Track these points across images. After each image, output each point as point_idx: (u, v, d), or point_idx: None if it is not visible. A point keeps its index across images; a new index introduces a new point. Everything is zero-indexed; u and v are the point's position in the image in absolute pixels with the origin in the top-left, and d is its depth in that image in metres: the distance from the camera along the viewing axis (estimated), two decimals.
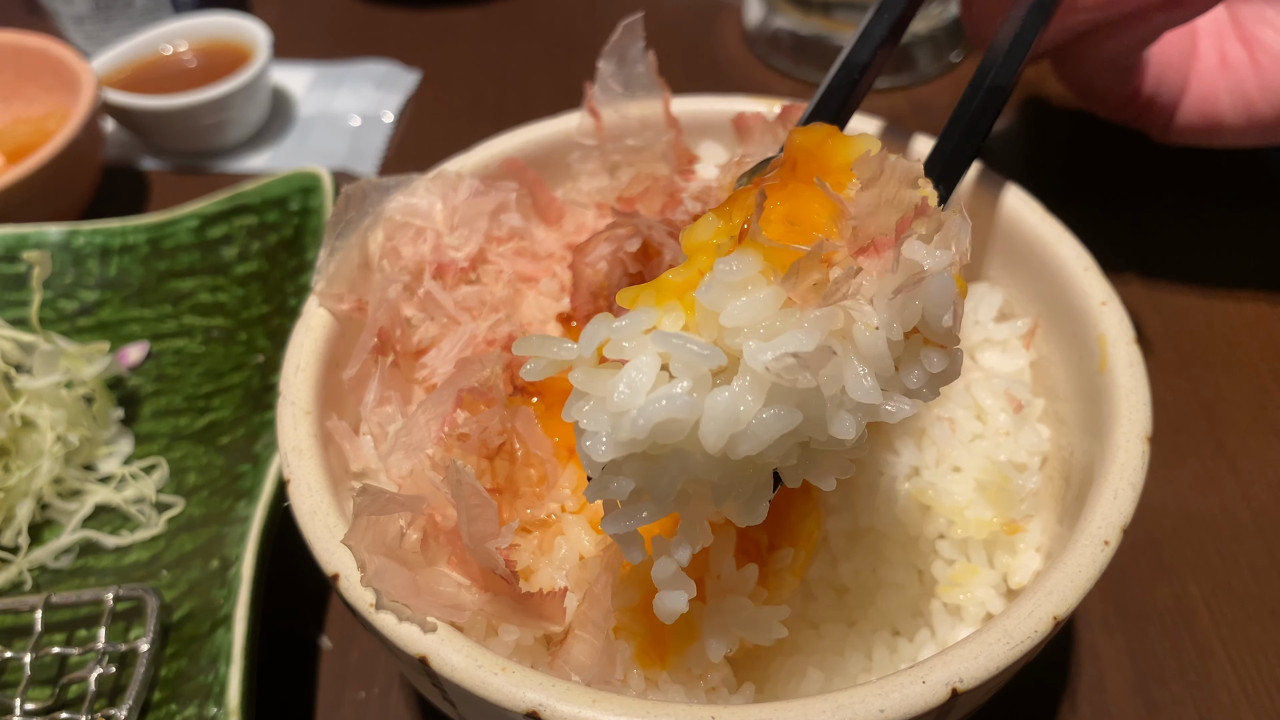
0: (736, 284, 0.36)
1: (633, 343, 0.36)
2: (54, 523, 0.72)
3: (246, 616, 0.59)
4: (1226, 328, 0.84)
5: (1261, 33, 0.73)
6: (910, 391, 0.38)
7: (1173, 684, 0.63)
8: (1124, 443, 0.49)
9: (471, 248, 0.61)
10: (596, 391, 0.36)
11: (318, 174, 0.86)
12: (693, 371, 0.36)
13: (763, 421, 0.35)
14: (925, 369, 0.38)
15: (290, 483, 0.50)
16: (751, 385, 0.36)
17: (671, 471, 0.37)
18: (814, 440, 0.38)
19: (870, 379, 0.36)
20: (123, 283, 0.87)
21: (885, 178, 0.39)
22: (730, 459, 0.36)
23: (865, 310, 0.36)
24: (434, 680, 0.44)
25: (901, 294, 0.36)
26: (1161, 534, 0.71)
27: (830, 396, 0.36)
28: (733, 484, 0.38)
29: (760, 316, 0.36)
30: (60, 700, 0.61)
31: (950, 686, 0.40)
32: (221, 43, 1.12)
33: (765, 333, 0.36)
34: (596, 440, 0.36)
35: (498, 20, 1.29)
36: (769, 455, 0.37)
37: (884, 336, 0.36)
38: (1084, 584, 0.44)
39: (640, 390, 0.35)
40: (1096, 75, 0.75)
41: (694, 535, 0.41)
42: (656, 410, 0.35)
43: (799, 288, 0.36)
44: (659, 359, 0.36)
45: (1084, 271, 0.57)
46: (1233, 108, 0.75)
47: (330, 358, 0.57)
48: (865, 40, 0.56)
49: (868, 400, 0.36)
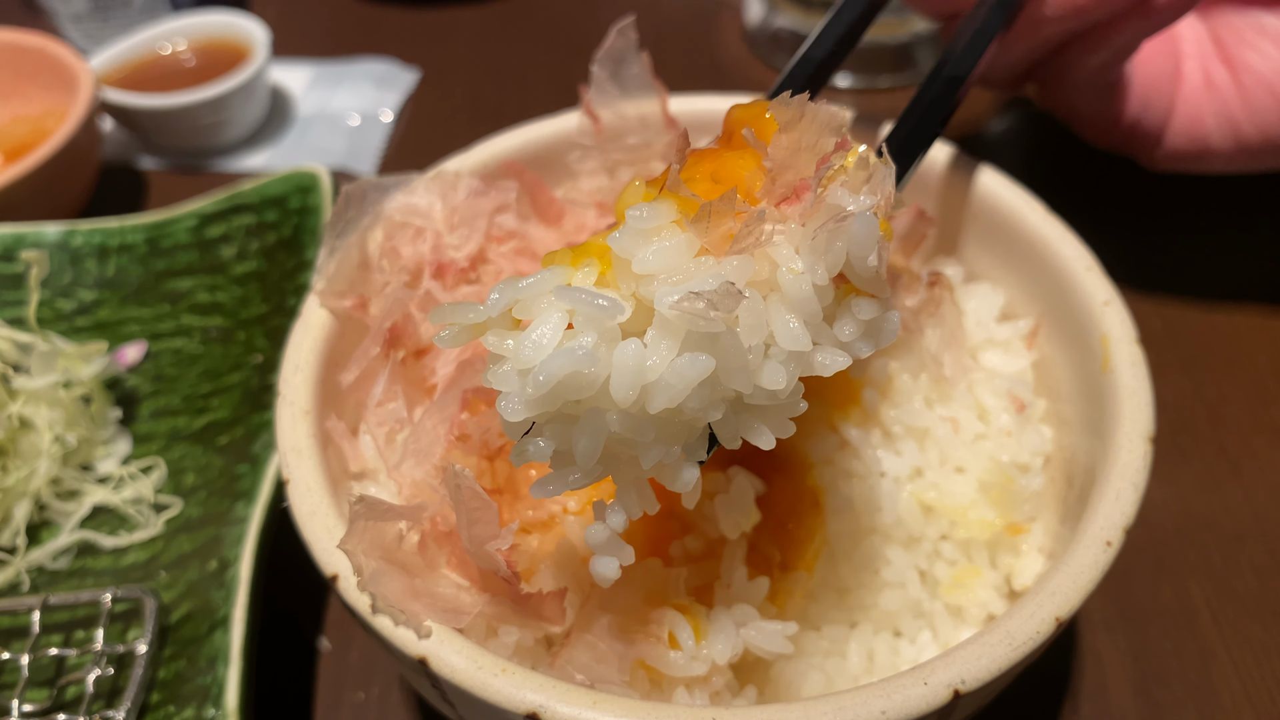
0: (648, 230, 0.36)
1: (540, 301, 0.36)
2: (52, 523, 0.72)
3: (245, 618, 0.59)
4: (1229, 329, 0.84)
5: (1244, 54, 0.73)
6: (843, 344, 0.38)
7: (1175, 685, 0.63)
8: (1126, 443, 0.49)
9: (471, 248, 0.61)
10: (506, 353, 0.36)
11: (316, 173, 0.86)
12: (596, 325, 0.35)
13: (675, 369, 0.35)
14: (856, 318, 0.38)
15: (289, 483, 0.49)
16: (663, 334, 0.35)
17: (590, 431, 0.36)
18: (743, 395, 0.37)
19: (798, 325, 0.36)
20: (121, 282, 0.86)
21: (805, 123, 0.38)
22: (649, 414, 0.36)
23: (788, 254, 0.36)
24: (434, 681, 0.44)
25: (824, 233, 0.36)
26: (1164, 535, 0.70)
27: (755, 345, 0.36)
28: (659, 443, 0.37)
29: (673, 263, 0.36)
30: (58, 702, 0.61)
31: (952, 688, 0.40)
32: (220, 41, 1.12)
33: (678, 280, 0.35)
34: (509, 400, 0.36)
35: (497, 19, 1.29)
36: (691, 408, 0.36)
37: (809, 280, 0.36)
38: (1086, 585, 0.44)
39: (545, 348, 0.35)
40: (1079, 97, 0.74)
41: (629, 501, 0.40)
42: (557, 365, 0.34)
43: (712, 234, 0.36)
44: (565, 315, 0.36)
45: (1086, 271, 0.57)
46: (1219, 131, 0.74)
47: (329, 358, 0.56)
48: (824, 37, 0.58)
49: (796, 347, 0.36)
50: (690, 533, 0.51)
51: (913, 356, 0.57)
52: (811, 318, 0.36)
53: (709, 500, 0.50)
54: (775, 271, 0.36)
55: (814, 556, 0.52)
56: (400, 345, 0.57)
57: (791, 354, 0.36)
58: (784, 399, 0.37)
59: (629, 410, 0.35)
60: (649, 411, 0.36)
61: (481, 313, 0.37)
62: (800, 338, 0.36)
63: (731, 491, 0.50)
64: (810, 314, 0.36)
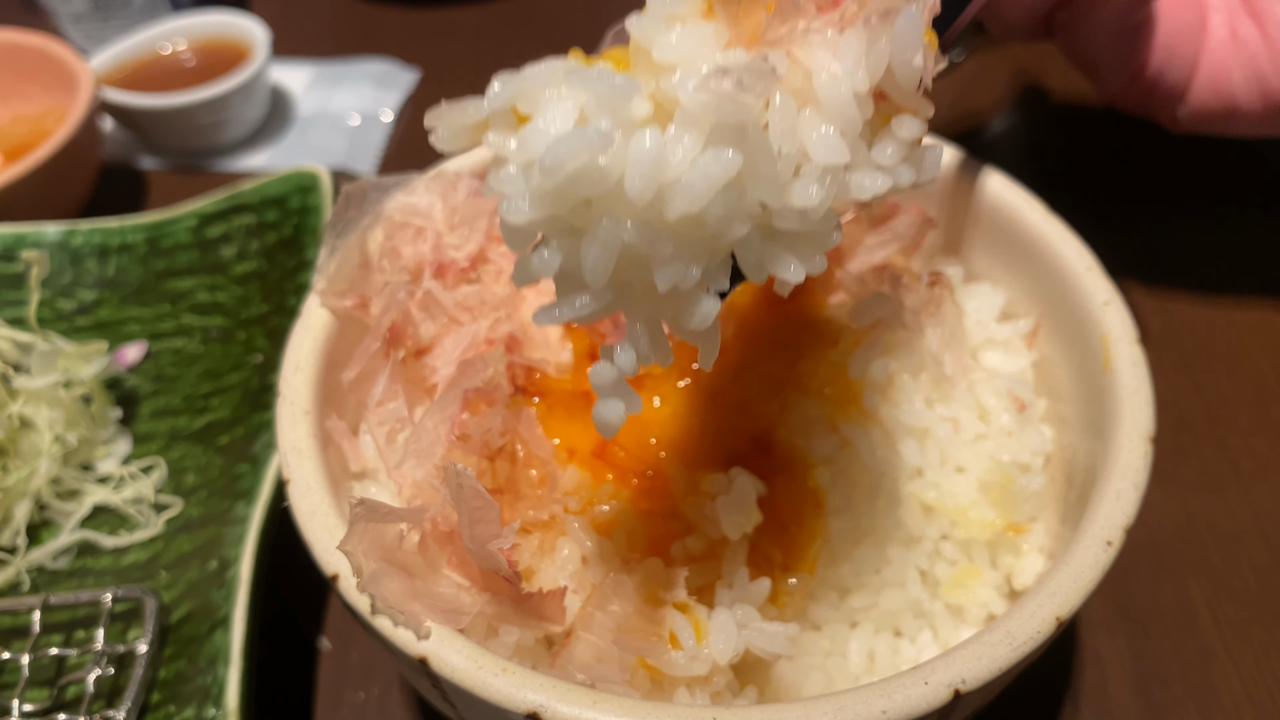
0: (673, 15, 0.32)
1: (549, 91, 0.32)
2: (52, 523, 0.72)
3: (245, 618, 0.59)
4: (1228, 329, 0.84)
5: (1273, 8, 0.70)
6: (883, 167, 0.34)
7: (1175, 685, 0.63)
8: (1127, 443, 0.49)
9: (472, 247, 0.61)
10: (509, 154, 0.32)
11: (316, 173, 0.86)
12: (611, 110, 0.31)
13: (698, 167, 0.30)
14: (898, 138, 0.34)
15: (289, 483, 0.49)
16: (686, 127, 0.31)
17: (602, 240, 0.31)
18: (772, 213, 0.33)
19: (834, 134, 0.32)
20: (121, 282, 0.86)
21: None
22: (667, 222, 0.31)
23: (824, 57, 0.32)
24: (434, 681, 0.44)
25: (867, 30, 0.32)
26: (1164, 535, 0.71)
27: (787, 154, 0.32)
28: (677, 260, 0.32)
29: (698, 53, 0.32)
30: (58, 701, 0.61)
31: (953, 688, 0.40)
32: (220, 41, 1.12)
33: None
34: (512, 203, 0.32)
35: (497, 18, 1.29)
36: (714, 217, 0.31)
37: (848, 84, 0.32)
38: (1087, 585, 0.44)
39: (553, 136, 0.31)
40: (1101, 45, 0.71)
41: (640, 339, 0.35)
42: (566, 149, 0.30)
43: (743, 26, 0.32)
44: (576, 106, 0.31)
45: (1086, 271, 0.56)
46: (1246, 87, 0.71)
47: (329, 357, 0.56)
48: None
49: (832, 160, 0.32)
50: (692, 533, 0.51)
51: (913, 356, 0.57)
52: (849, 128, 0.32)
53: (710, 501, 0.50)
54: (810, 79, 0.32)
55: (815, 558, 0.52)
56: (400, 345, 0.57)
57: (826, 168, 0.32)
58: (815, 224, 0.33)
59: (645, 217, 0.31)
60: (667, 218, 0.31)
61: (481, 109, 0.33)
62: (836, 149, 0.32)
63: (733, 492, 0.50)
64: (848, 123, 0.32)
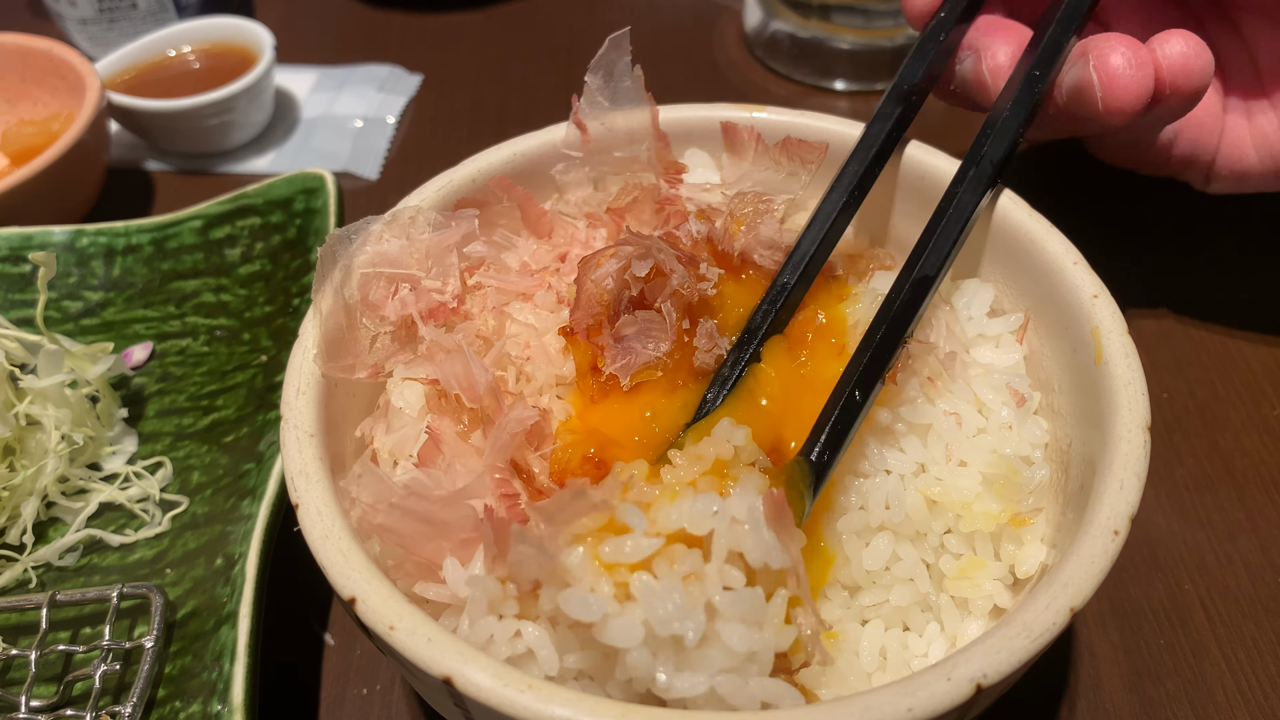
0: None
1: None
2: (59, 521, 0.73)
3: (250, 614, 0.59)
4: (1221, 328, 0.84)
5: None
6: None
7: (1168, 681, 0.64)
8: (1125, 433, 0.49)
9: (453, 285, 0.60)
10: None
11: (321, 175, 0.87)
12: None
13: None
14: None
15: (299, 507, 0.48)
16: None
17: None
18: None
19: None
20: (127, 283, 0.87)
21: None
22: None
23: None
24: (457, 700, 0.43)
25: None
26: (1157, 532, 0.71)
27: None
28: None
29: None
30: (65, 697, 0.61)
31: (974, 682, 0.40)
32: (225, 46, 1.13)
33: None
34: None
35: (499, 24, 1.30)
36: None
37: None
38: (1097, 575, 0.44)
39: None
40: (1125, 152, 0.76)
41: None
42: None
43: None
44: None
45: (1073, 266, 0.57)
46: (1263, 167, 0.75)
47: (331, 378, 0.56)
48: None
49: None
50: None
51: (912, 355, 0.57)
52: None
53: None
54: None
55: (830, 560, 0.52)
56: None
57: None
58: None
59: None
60: None
61: None
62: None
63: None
64: None
